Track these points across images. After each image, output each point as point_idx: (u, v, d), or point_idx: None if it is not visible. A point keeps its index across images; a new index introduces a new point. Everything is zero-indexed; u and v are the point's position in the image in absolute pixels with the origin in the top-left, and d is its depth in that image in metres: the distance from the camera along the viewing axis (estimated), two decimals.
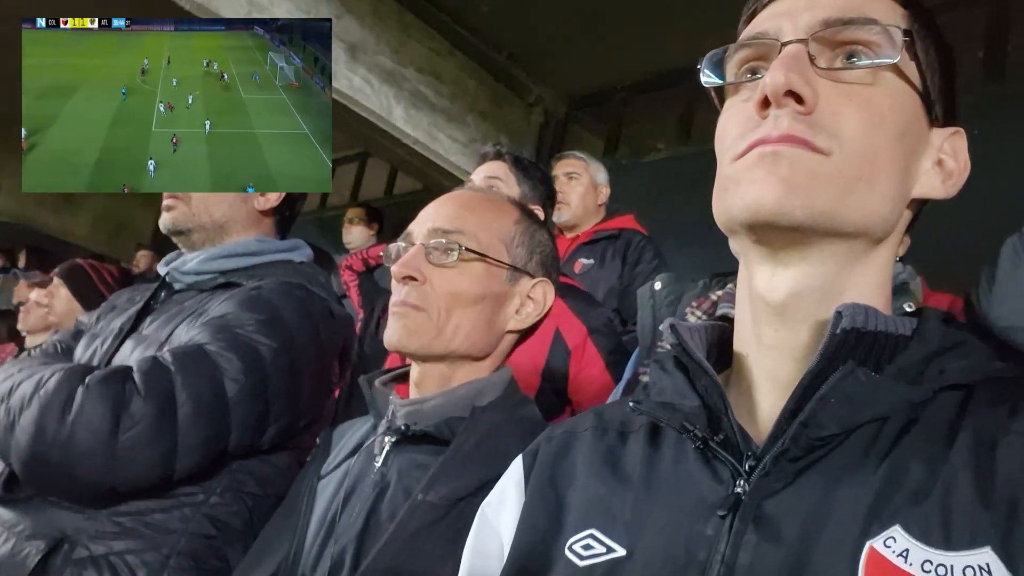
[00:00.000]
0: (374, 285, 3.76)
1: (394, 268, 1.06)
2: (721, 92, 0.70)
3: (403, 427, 1.01)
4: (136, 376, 1.16)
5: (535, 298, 1.13)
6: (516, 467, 0.77)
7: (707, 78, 0.68)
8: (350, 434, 1.13)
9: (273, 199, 1.53)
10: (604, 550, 0.63)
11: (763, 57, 0.65)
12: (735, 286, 1.35)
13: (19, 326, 3.24)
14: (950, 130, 0.67)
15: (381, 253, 3.81)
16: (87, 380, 1.15)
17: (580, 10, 4.44)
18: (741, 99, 0.65)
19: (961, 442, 0.54)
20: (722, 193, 0.63)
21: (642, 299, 1.67)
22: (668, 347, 1.42)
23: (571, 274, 2.85)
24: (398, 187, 6.67)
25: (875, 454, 0.56)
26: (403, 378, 1.15)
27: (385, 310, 3.52)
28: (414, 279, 1.05)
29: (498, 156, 1.99)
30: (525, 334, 1.15)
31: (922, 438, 0.56)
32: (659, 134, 4.84)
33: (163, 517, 1.20)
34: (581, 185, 3.01)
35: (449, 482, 0.93)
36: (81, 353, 1.46)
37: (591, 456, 0.71)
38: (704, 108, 4.77)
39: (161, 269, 1.51)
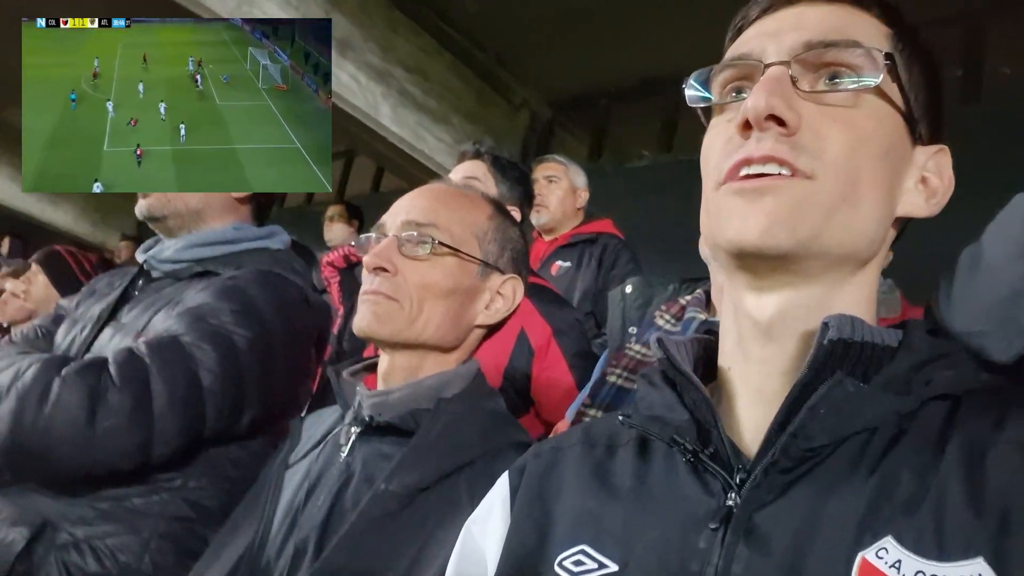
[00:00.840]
0: (355, 282, 3.76)
1: (366, 258, 1.07)
2: (708, 110, 0.70)
3: (368, 418, 1.02)
4: (112, 367, 1.18)
5: (505, 294, 1.14)
6: (502, 484, 0.77)
7: (693, 94, 0.68)
8: (318, 424, 1.14)
9: None
10: (596, 566, 0.62)
11: (747, 77, 0.65)
12: (703, 291, 1.39)
13: (7, 317, 3.22)
14: (934, 148, 0.67)
15: None
16: (63, 371, 1.16)
17: (567, 15, 4.47)
18: (726, 118, 0.65)
19: (951, 452, 0.54)
20: (708, 218, 0.64)
21: (612, 302, 1.69)
22: (638, 349, 1.44)
23: (548, 276, 2.87)
24: (384, 185, 6.67)
25: (865, 465, 0.56)
26: (371, 369, 1.16)
27: None
28: (385, 270, 1.06)
29: (477, 155, 2.00)
30: (492, 329, 1.16)
31: (911, 448, 0.56)
32: (642, 141, 4.87)
33: (142, 502, 1.22)
34: (560, 188, 3.05)
35: (412, 472, 0.94)
36: (61, 339, 1.47)
37: (580, 471, 0.71)
38: (687, 117, 4.72)
39: (139, 256, 1.52)
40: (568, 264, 2.95)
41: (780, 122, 0.59)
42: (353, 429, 1.04)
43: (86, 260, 3.12)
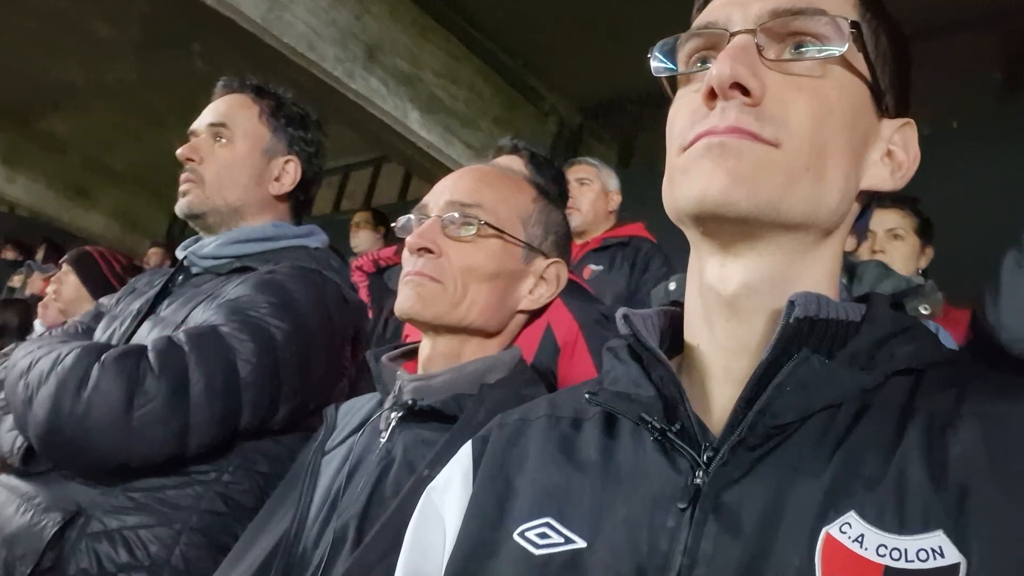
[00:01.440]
0: (383, 286, 3.76)
1: (409, 239, 1.04)
2: (673, 81, 0.69)
3: (410, 402, 1.00)
4: (151, 355, 1.17)
5: (548, 278, 1.11)
6: (465, 452, 0.77)
7: (657, 65, 0.68)
8: (355, 410, 1.12)
9: (288, 183, 1.54)
10: (562, 540, 0.62)
11: (713, 47, 0.65)
12: None
13: (37, 320, 3.24)
14: (901, 121, 0.67)
15: (394, 252, 3.79)
16: (103, 357, 1.16)
17: (596, 21, 4.46)
18: (692, 89, 0.65)
19: (912, 427, 0.55)
20: (670, 183, 0.63)
21: (656, 300, 1.66)
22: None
23: (580, 279, 2.84)
24: (411, 193, 6.70)
25: (830, 441, 0.56)
26: (410, 355, 1.13)
27: (393, 311, 3.53)
28: (430, 251, 1.03)
29: (515, 150, 1.98)
30: (534, 315, 1.13)
31: (874, 424, 0.56)
32: None
33: (175, 493, 1.22)
34: (592, 191, 3.00)
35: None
36: (100, 334, 1.48)
37: (544, 444, 0.71)
38: None
39: (179, 253, 1.53)
40: (600, 267, 2.91)
41: (745, 91, 0.59)
42: (393, 414, 1.01)
43: (116, 261, 3.14)
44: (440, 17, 4.76)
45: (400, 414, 1.00)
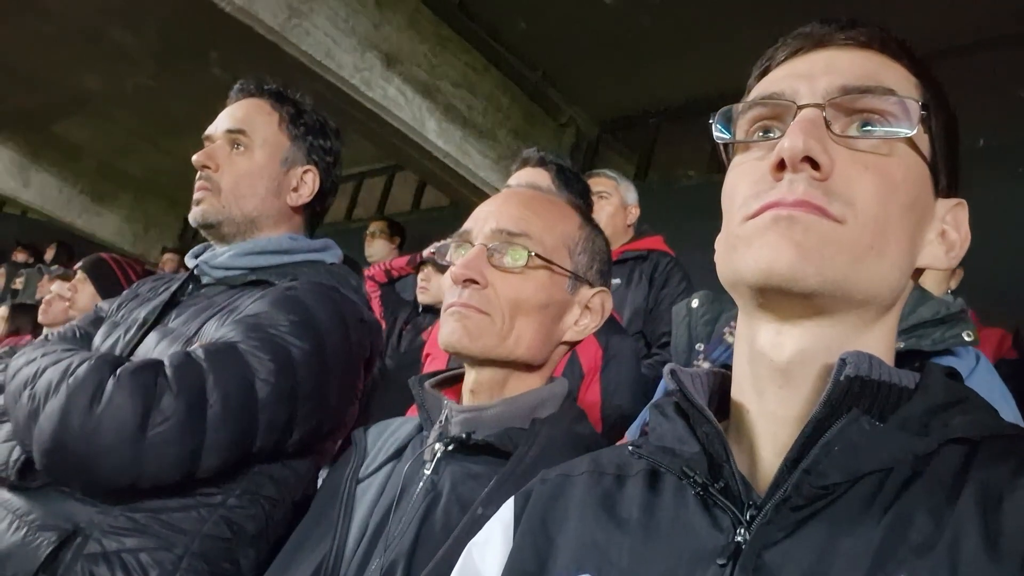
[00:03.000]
0: (396, 296, 3.74)
1: (454, 269, 1.01)
2: (728, 147, 0.70)
3: (464, 436, 0.96)
4: (168, 371, 1.13)
5: (593, 308, 1.08)
6: (507, 508, 0.76)
7: (718, 133, 0.68)
8: (388, 435, 1.09)
9: (306, 195, 1.49)
10: None
11: (776, 117, 0.65)
12: None
13: (40, 319, 3.24)
14: (953, 201, 0.67)
15: (407, 261, 3.75)
16: (118, 372, 1.12)
17: (615, 35, 4.46)
18: (752, 157, 0.65)
19: (967, 496, 0.53)
20: (730, 251, 0.63)
21: (677, 317, 1.62)
22: (707, 367, 1.37)
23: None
24: (425, 202, 6.69)
25: (879, 505, 0.55)
26: (451, 381, 1.10)
27: (407, 322, 3.49)
28: (476, 282, 0.99)
29: (541, 163, 1.89)
30: (573, 344, 1.10)
31: (927, 490, 0.55)
32: (690, 161, 4.84)
33: (179, 516, 1.17)
34: (611, 205, 2.97)
35: (510, 497, 0.87)
36: (100, 341, 1.42)
37: (587, 500, 0.70)
38: None
39: (189, 261, 1.48)
40: (618, 281, 2.89)
41: (814, 165, 0.59)
42: (439, 445, 0.98)
43: (131, 269, 3.14)
44: (459, 28, 4.75)
45: (450, 446, 0.97)
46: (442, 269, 2.21)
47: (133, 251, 8.30)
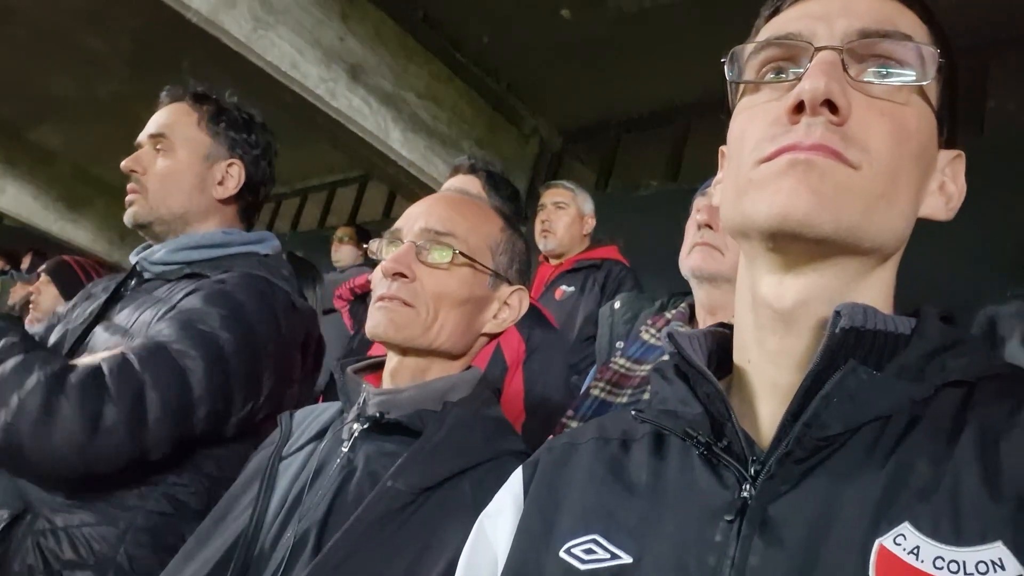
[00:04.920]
0: (365, 309, 3.80)
1: (384, 264, 1.08)
2: (735, 86, 0.69)
3: (377, 415, 1.03)
4: (107, 378, 1.19)
5: (511, 304, 1.17)
6: (516, 479, 0.76)
7: (731, 74, 0.66)
8: (312, 418, 1.16)
9: (232, 187, 1.56)
10: (608, 556, 0.62)
11: (791, 59, 0.63)
12: (688, 305, 1.41)
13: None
14: (953, 153, 0.67)
15: (368, 279, 3.80)
16: (65, 384, 1.16)
17: (576, 47, 4.53)
18: (763, 99, 0.64)
19: (966, 438, 0.54)
20: (740, 195, 0.62)
21: (602, 318, 1.71)
22: (622, 363, 1.46)
23: (552, 301, 2.89)
24: (396, 211, 6.74)
25: (880, 452, 0.55)
26: (375, 367, 1.17)
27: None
28: (404, 276, 1.07)
29: (472, 170, 2.00)
30: (493, 336, 1.18)
31: (926, 435, 0.55)
32: (650, 170, 4.91)
33: (121, 493, 1.24)
34: (568, 215, 3.08)
35: (417, 471, 0.95)
36: (53, 339, 1.49)
37: (593, 465, 0.70)
38: (693, 146, 4.83)
39: (132, 258, 1.55)
40: (572, 289, 2.97)
41: (832, 109, 0.58)
42: (356, 425, 1.05)
43: (93, 270, 3.15)
44: (424, 39, 4.82)
45: (365, 426, 1.04)
46: None
47: (109, 258, 8.27)
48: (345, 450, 1.03)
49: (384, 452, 1.01)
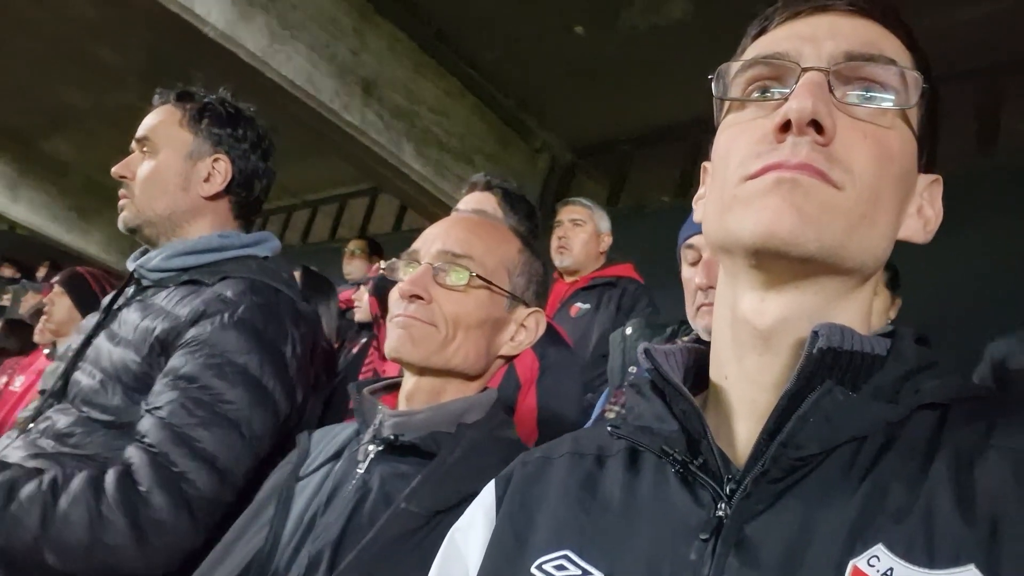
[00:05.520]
0: (347, 323, 3.81)
1: (402, 285, 1.08)
2: (720, 103, 0.69)
3: (391, 437, 1.03)
4: (142, 485, 1.21)
5: (528, 326, 1.17)
6: (488, 492, 0.76)
7: (717, 91, 0.67)
8: (329, 439, 1.16)
9: (218, 182, 1.52)
10: (579, 572, 0.61)
11: (777, 78, 0.64)
12: (695, 338, 1.40)
13: (35, 338, 3.25)
14: (932, 177, 0.68)
15: (352, 296, 3.77)
16: (100, 506, 1.18)
17: (587, 63, 4.57)
18: (749, 116, 0.64)
19: (940, 460, 0.54)
20: (724, 211, 0.62)
21: (613, 343, 1.71)
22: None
23: (567, 318, 2.89)
24: (407, 223, 6.76)
25: (855, 474, 0.56)
26: (390, 389, 1.17)
27: (349, 340, 3.55)
28: (420, 298, 1.07)
29: (487, 187, 1.97)
30: (509, 359, 1.18)
31: (901, 457, 0.56)
32: (661, 186, 4.91)
33: None
34: (585, 232, 3.07)
35: (431, 493, 0.95)
36: (62, 351, 1.50)
37: (567, 481, 0.70)
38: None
39: (130, 265, 1.53)
40: (587, 306, 2.97)
41: (818, 129, 0.59)
42: (371, 447, 1.05)
43: (107, 283, 3.15)
44: (437, 55, 4.87)
45: (380, 447, 1.04)
46: (376, 290, 2.28)
47: (119, 267, 8.30)
48: (360, 471, 1.03)
49: (399, 474, 1.01)
